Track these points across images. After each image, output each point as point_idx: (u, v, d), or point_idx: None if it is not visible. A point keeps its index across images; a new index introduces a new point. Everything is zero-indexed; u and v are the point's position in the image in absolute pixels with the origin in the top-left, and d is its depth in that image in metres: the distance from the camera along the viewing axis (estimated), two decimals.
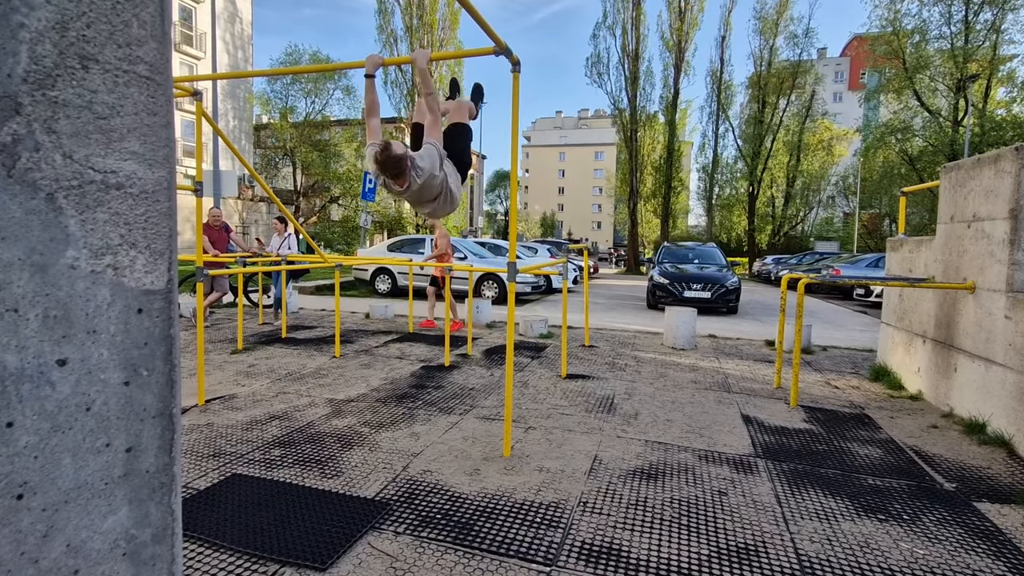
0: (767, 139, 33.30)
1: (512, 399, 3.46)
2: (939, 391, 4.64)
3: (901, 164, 26.60)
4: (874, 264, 15.74)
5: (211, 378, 4.97)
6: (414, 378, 5.20)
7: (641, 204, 34.36)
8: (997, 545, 2.48)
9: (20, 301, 0.67)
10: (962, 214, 4.48)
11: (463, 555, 2.29)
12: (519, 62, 3.27)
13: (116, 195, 0.76)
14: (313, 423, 3.87)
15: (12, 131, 0.65)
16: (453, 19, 30.32)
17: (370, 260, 10.96)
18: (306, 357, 5.97)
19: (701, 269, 12.29)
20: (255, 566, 2.17)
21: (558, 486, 2.96)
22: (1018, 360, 3.60)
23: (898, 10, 25.21)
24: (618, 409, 4.38)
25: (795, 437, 3.85)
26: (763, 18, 32.75)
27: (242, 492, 2.78)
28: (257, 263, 8.29)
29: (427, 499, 2.76)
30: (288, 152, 30.32)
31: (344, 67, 4.60)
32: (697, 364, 6.17)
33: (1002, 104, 25.56)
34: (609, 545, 2.40)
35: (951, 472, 3.30)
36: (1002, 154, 3.98)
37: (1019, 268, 3.78)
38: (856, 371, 6.05)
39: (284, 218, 8.20)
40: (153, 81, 0.79)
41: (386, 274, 13.03)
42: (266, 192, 5.71)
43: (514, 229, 3.47)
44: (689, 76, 42.42)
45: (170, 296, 0.84)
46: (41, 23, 0.67)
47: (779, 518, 2.67)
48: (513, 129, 3.54)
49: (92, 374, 0.74)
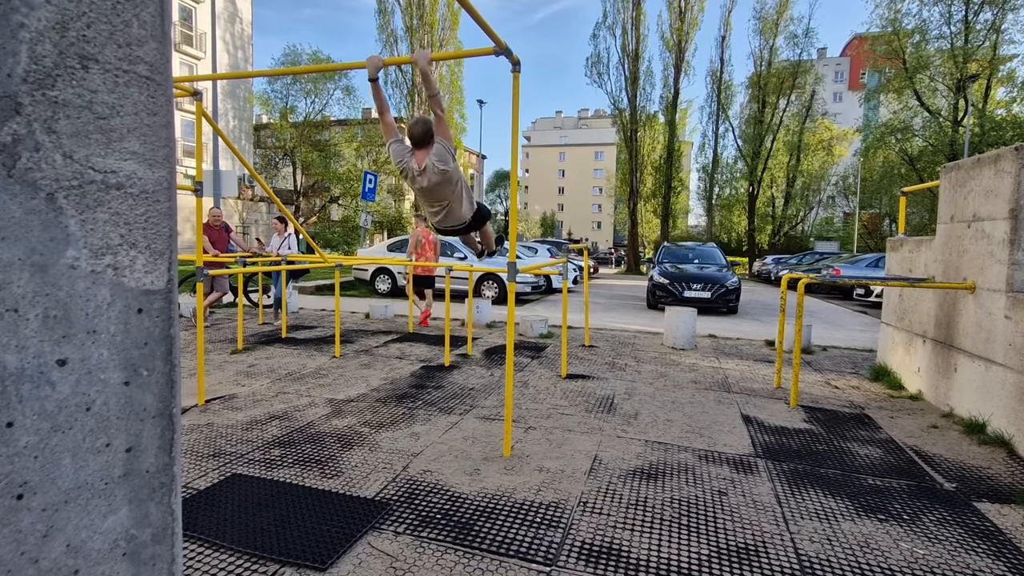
0: (767, 139, 33.31)
1: (512, 399, 3.46)
2: (939, 391, 4.64)
3: (901, 164, 26.61)
4: (874, 264, 15.74)
5: (211, 378, 4.97)
6: (414, 378, 5.20)
7: (641, 204, 34.36)
8: (997, 545, 2.48)
9: (20, 301, 0.67)
10: (962, 214, 4.48)
11: (463, 555, 2.29)
12: (519, 62, 3.27)
13: (116, 195, 0.76)
14: (313, 423, 3.87)
15: (12, 131, 0.65)
16: (453, 19, 30.34)
17: (370, 260, 10.95)
18: (306, 357, 5.97)
19: (701, 269, 12.29)
20: (255, 566, 2.17)
21: (558, 486, 2.96)
22: (1018, 360, 3.60)
23: (898, 10, 25.23)
24: (618, 409, 4.38)
25: (795, 437, 3.85)
26: (763, 18, 32.77)
27: (242, 492, 2.78)
28: (257, 263, 8.29)
29: (427, 499, 2.76)
30: (288, 152, 30.34)
31: (344, 67, 4.60)
32: (697, 364, 6.17)
33: (1002, 104, 25.57)
34: (609, 545, 2.40)
35: (951, 472, 3.30)
36: (1002, 154, 3.98)
37: (1019, 268, 3.78)
38: (856, 371, 6.05)
39: (284, 218, 8.20)
40: (153, 81, 0.79)
41: (386, 274, 13.03)
42: (266, 192, 5.71)
43: (514, 229, 3.47)
44: (689, 76, 42.46)
45: (170, 296, 0.84)
46: (41, 23, 0.67)
47: (779, 518, 2.67)
48: (513, 129, 3.54)
49: (92, 374, 0.74)
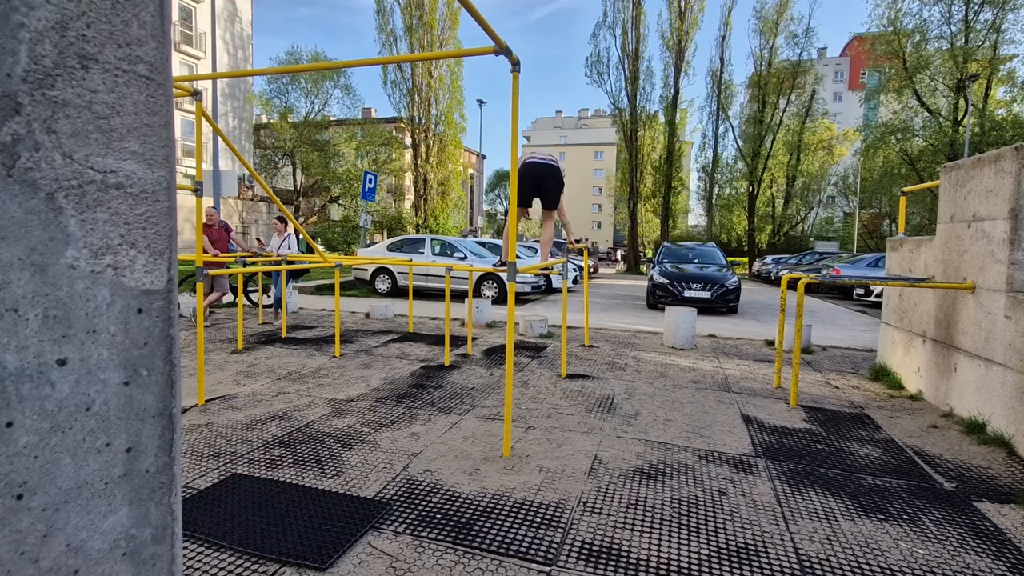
0: (767, 139, 33.30)
1: (512, 399, 3.45)
2: (939, 391, 4.64)
3: (901, 164, 26.62)
4: (874, 264, 15.73)
5: (211, 378, 4.97)
6: (414, 378, 5.20)
7: (641, 204, 34.36)
8: (997, 545, 2.48)
9: (20, 301, 0.67)
10: (962, 214, 4.48)
11: (463, 555, 2.29)
12: (519, 62, 3.27)
13: (116, 195, 0.76)
14: (313, 423, 3.87)
15: (12, 131, 0.65)
16: (453, 19, 30.35)
17: (370, 260, 10.96)
18: (306, 357, 5.97)
19: (701, 269, 12.28)
20: (255, 566, 2.17)
21: (558, 486, 2.96)
22: (1018, 360, 3.60)
23: (898, 9, 25.25)
24: (618, 409, 4.38)
25: (795, 437, 3.85)
26: (763, 18, 32.75)
27: (242, 492, 2.78)
28: (257, 263, 8.30)
29: (427, 499, 2.76)
30: (288, 152, 30.34)
31: (343, 66, 4.60)
32: (697, 364, 6.17)
33: (1002, 104, 25.59)
34: (609, 545, 2.40)
35: (951, 472, 3.30)
36: (1002, 154, 3.98)
37: (1019, 268, 3.78)
38: (856, 371, 6.05)
39: (284, 218, 8.20)
40: (153, 81, 0.79)
41: (386, 274, 13.03)
42: (266, 192, 5.71)
43: (514, 229, 3.46)
44: (689, 76, 42.43)
45: (170, 296, 0.83)
46: (41, 23, 0.67)
47: (779, 518, 2.67)
48: (513, 129, 3.53)
49: (92, 374, 0.74)
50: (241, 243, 8.83)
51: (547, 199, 5.03)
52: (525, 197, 4.80)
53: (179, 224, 14.36)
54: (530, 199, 4.92)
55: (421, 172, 31.45)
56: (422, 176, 31.49)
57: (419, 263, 8.77)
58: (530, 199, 4.92)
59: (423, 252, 12.93)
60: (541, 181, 4.91)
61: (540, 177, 4.90)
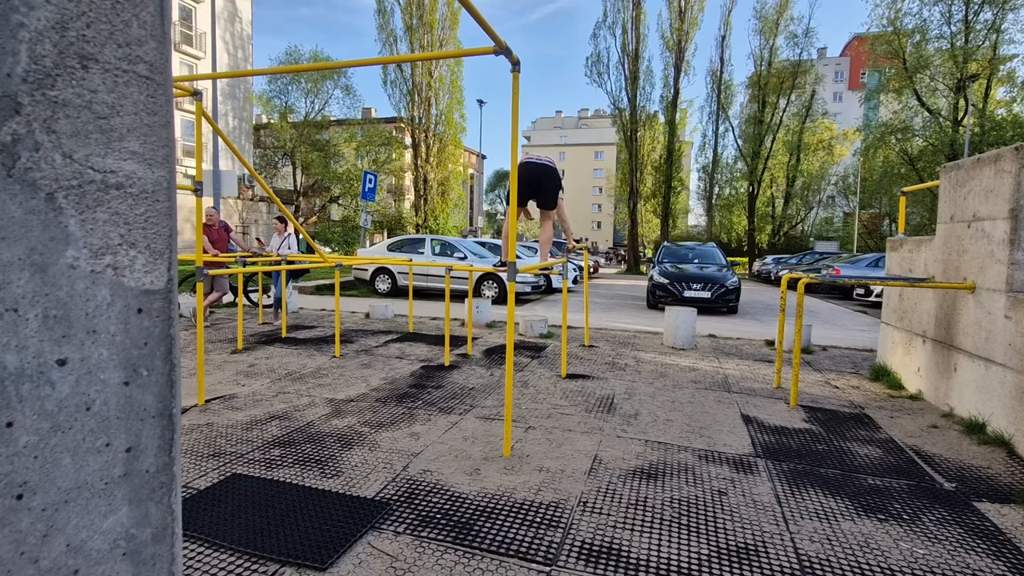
0: (767, 139, 33.30)
1: (512, 399, 3.45)
2: (939, 391, 4.64)
3: (901, 164, 26.62)
4: (874, 264, 15.74)
5: (211, 378, 4.97)
6: (414, 378, 5.20)
7: (641, 204, 34.36)
8: (997, 545, 2.48)
9: (20, 301, 0.67)
10: (962, 214, 4.48)
11: (463, 555, 2.29)
12: (519, 62, 3.27)
13: (116, 195, 0.76)
14: (313, 423, 3.87)
15: (12, 131, 0.65)
16: (453, 19, 30.35)
17: (370, 260, 10.96)
18: (306, 357, 5.97)
19: (701, 269, 12.29)
20: (255, 566, 2.17)
21: (558, 486, 2.96)
22: (1018, 360, 3.60)
23: (898, 9, 25.25)
24: (618, 409, 4.38)
25: (795, 437, 3.85)
26: (763, 18, 32.75)
27: (242, 492, 2.78)
28: (257, 263, 8.30)
29: (427, 499, 2.76)
30: (288, 152, 30.35)
31: (344, 65, 4.59)
32: (697, 364, 6.17)
33: (1002, 104, 25.59)
34: (609, 545, 2.40)
35: (951, 472, 3.30)
36: (1002, 154, 3.98)
37: (1019, 268, 3.78)
38: (856, 371, 6.05)
39: (284, 218, 8.20)
40: (153, 81, 0.79)
41: (386, 274, 13.03)
42: (266, 192, 5.71)
43: (514, 229, 3.46)
44: (689, 76, 42.45)
45: (170, 296, 0.83)
46: (41, 23, 0.67)
47: (779, 518, 2.67)
48: (513, 129, 3.53)
49: (92, 374, 0.74)
50: (241, 243, 8.83)
51: (544, 199, 5.08)
52: (522, 197, 4.84)
53: (179, 224, 14.36)
54: (527, 199, 4.96)
55: (421, 172, 31.46)
56: (422, 176, 31.50)
57: (419, 263, 8.78)
58: (527, 199, 4.96)
59: (423, 252, 12.93)
60: (539, 181, 4.94)
61: (538, 177, 4.93)
